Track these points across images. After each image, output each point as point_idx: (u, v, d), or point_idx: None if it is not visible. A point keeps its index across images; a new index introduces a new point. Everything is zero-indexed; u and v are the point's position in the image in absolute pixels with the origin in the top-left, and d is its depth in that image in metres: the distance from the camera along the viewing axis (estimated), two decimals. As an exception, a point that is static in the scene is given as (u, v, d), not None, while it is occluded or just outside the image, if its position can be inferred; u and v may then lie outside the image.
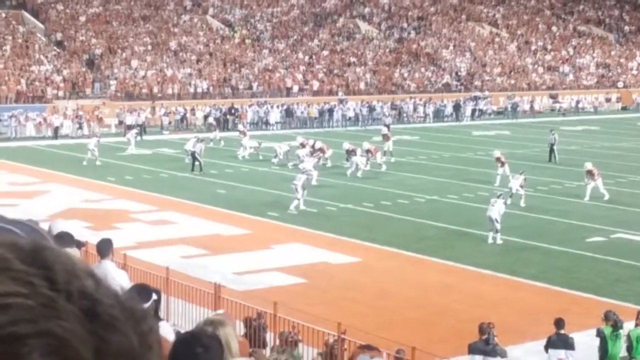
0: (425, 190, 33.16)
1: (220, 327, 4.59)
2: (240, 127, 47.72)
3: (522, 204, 30.01)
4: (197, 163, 36.61)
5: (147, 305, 6.81)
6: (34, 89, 54.26)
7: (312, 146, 38.87)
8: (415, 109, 61.80)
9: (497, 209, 24.92)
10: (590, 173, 31.69)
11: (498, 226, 24.80)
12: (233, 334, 4.79)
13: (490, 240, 24.81)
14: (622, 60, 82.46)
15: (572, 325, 15.04)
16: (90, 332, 0.95)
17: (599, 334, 14.39)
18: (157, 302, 8.88)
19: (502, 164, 34.13)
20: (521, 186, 30.44)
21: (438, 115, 62.17)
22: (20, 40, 58.84)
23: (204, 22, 68.99)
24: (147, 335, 1.02)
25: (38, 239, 1.16)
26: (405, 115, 60.95)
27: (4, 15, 61.41)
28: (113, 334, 0.97)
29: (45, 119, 50.37)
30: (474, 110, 63.97)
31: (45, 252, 0.99)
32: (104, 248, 10.83)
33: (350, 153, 37.80)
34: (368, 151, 37.84)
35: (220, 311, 11.30)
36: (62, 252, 1.01)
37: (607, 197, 30.93)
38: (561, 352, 14.14)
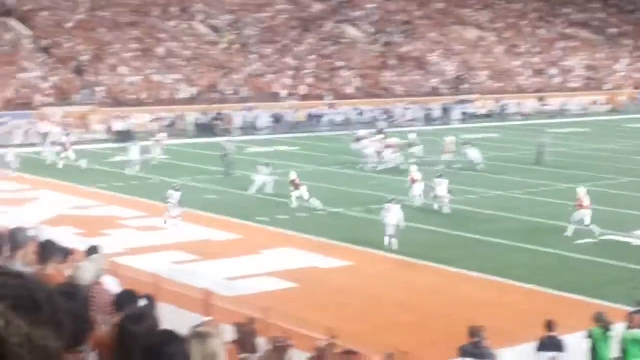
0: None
1: (208, 340, 4.58)
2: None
3: (447, 210, 29.75)
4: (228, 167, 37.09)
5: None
6: (21, 96, 54.11)
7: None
8: (404, 113, 61.85)
9: (395, 216, 24.85)
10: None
11: (392, 231, 24.64)
12: (221, 345, 4.77)
13: (386, 243, 24.55)
14: (608, 62, 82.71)
15: (563, 327, 15.05)
16: None
17: (590, 335, 14.41)
18: (150, 307, 8.87)
19: (297, 187, 31.04)
20: (449, 191, 30.15)
21: (427, 119, 62.22)
22: (7, 48, 58.66)
23: (191, 27, 68.91)
24: None
25: None
26: (394, 119, 60.96)
27: (-10, 22, 61.26)
28: None
29: (33, 126, 50.20)
30: (462, 114, 64.08)
31: None
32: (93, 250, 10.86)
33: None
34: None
35: (208, 319, 11.26)
36: None
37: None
38: (552, 355, 14.16)
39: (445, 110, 62.97)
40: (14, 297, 1.80)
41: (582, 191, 27.28)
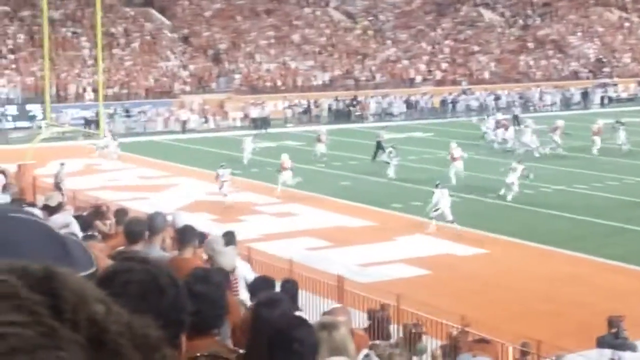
0: (553, 180, 32.45)
1: (334, 331, 4.57)
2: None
3: (509, 197, 28.74)
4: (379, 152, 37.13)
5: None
6: (161, 84, 55.58)
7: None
8: (541, 98, 60.61)
9: (447, 200, 24.85)
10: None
11: (450, 215, 24.62)
12: (348, 335, 4.76)
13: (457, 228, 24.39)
14: None
15: None
16: None
17: None
18: (292, 291, 9.19)
19: (283, 170, 30.88)
20: (518, 178, 29.04)
21: (565, 103, 60.77)
22: (147, 37, 60.35)
23: (326, 14, 69.26)
24: None
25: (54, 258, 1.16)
26: (531, 104, 59.81)
27: (132, 13, 63.06)
28: None
29: (172, 114, 51.51)
30: (602, 98, 62.31)
31: (55, 278, 0.98)
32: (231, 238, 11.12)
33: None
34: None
35: (337, 305, 11.27)
36: (74, 277, 0.99)
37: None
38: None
39: (585, 95, 61.37)
40: (139, 282, 1.94)
41: None
